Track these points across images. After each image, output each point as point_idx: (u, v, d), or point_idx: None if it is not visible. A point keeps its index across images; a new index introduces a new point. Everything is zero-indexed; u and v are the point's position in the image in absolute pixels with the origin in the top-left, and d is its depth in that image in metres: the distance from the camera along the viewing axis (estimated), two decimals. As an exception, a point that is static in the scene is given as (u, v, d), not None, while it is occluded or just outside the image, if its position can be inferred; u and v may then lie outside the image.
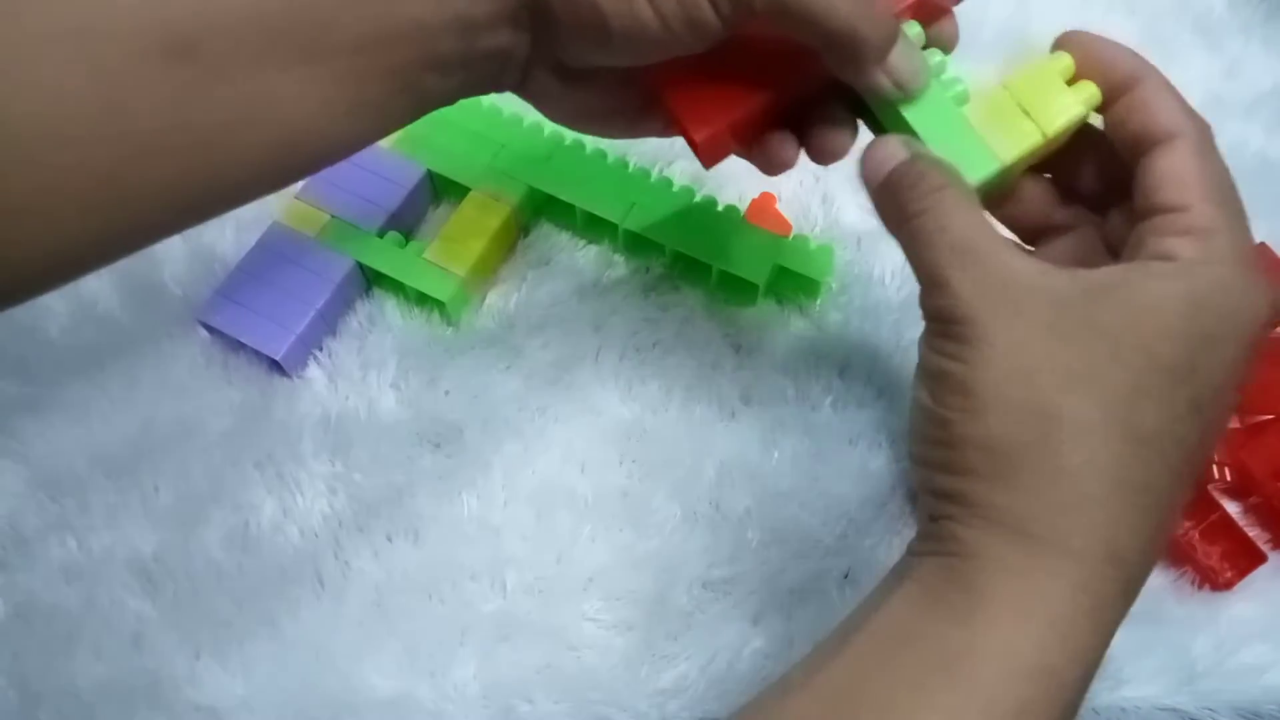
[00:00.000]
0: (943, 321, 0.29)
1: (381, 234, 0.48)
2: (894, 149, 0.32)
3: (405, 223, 0.50)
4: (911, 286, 0.31)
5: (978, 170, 0.33)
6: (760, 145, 0.36)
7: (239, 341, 0.46)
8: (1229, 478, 0.44)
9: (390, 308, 0.49)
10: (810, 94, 0.35)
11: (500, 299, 0.49)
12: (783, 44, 0.32)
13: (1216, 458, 0.44)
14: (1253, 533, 0.43)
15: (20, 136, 0.25)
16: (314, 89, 0.28)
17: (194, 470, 0.46)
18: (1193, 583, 0.43)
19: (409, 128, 0.32)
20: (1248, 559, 0.43)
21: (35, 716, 0.41)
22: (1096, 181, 0.35)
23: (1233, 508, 0.44)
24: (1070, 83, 0.33)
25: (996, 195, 0.35)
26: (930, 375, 0.29)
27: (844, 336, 0.48)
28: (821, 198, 0.52)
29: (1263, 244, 0.47)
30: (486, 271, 0.50)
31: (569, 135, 0.51)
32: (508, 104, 0.52)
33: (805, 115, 0.35)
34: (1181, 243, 0.29)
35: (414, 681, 0.41)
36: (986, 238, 0.29)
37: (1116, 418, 0.27)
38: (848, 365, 0.47)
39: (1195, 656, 0.41)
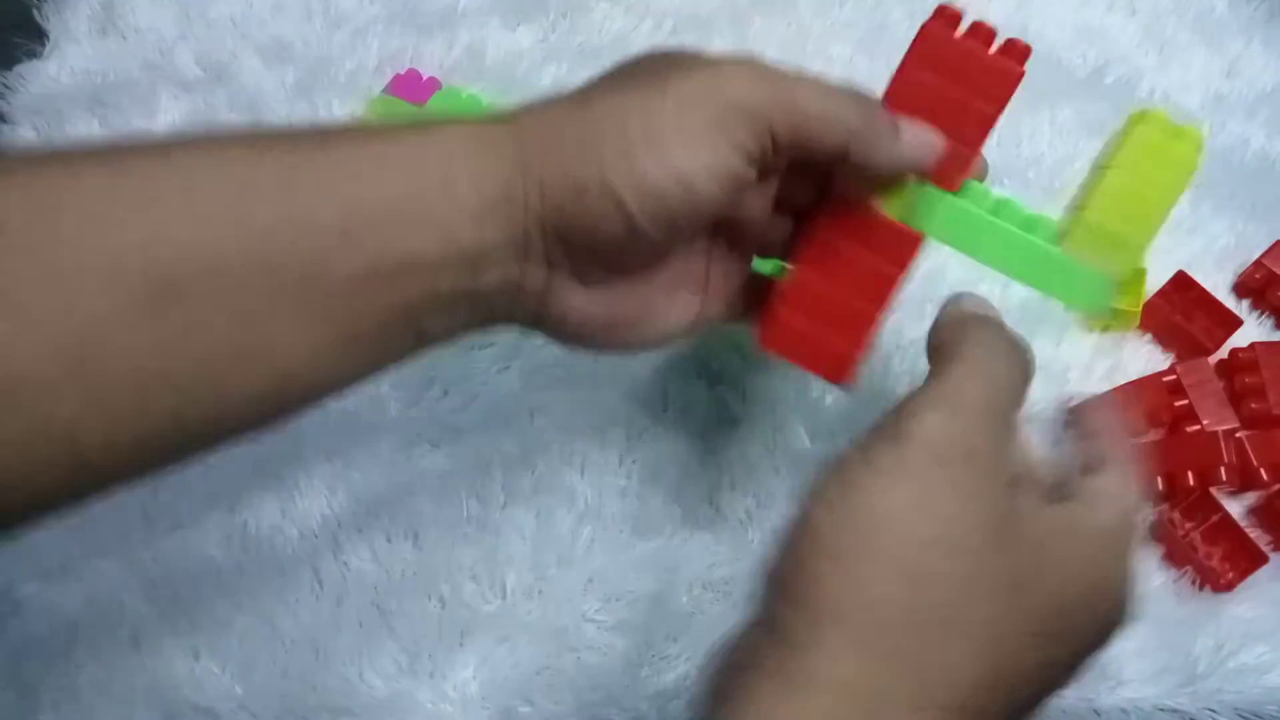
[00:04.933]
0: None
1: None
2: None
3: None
4: (912, 288, 0.30)
5: (1095, 296, 0.32)
6: None
7: (238, 341, 0.46)
8: (1226, 478, 0.44)
9: (390, 308, 0.48)
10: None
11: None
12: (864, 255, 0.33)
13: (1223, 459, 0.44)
14: (1254, 534, 0.43)
15: None
16: (305, 331, 0.27)
17: (192, 470, 0.45)
18: (1193, 583, 0.43)
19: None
20: (1249, 560, 0.42)
21: (35, 717, 0.41)
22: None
23: (1234, 508, 0.44)
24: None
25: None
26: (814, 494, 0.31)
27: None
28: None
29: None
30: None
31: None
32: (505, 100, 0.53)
33: None
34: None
35: (413, 683, 0.41)
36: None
37: (926, 591, 0.27)
38: (848, 365, 0.47)
39: (1196, 657, 0.41)
